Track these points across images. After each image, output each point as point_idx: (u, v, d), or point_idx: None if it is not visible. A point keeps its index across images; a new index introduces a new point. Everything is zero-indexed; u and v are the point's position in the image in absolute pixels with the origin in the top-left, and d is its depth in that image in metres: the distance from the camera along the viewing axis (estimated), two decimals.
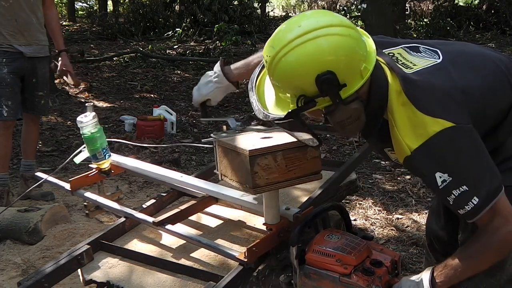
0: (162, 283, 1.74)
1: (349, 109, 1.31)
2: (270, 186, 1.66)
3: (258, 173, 1.61)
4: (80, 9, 16.47)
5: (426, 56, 1.45)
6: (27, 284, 1.68)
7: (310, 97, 1.28)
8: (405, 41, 1.54)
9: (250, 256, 1.64)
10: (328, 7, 16.26)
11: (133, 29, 11.65)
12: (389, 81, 1.36)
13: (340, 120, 1.33)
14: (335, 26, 1.27)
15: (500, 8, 11.29)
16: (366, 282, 1.44)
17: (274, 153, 1.63)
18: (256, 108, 1.39)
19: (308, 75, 1.26)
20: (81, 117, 2.16)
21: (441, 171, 1.29)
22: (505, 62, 1.48)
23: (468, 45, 1.61)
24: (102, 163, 2.24)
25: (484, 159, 1.32)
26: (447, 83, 1.35)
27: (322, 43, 1.24)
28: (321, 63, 1.25)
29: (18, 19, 3.14)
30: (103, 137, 2.21)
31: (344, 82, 1.27)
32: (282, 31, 1.32)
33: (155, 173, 2.26)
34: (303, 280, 1.56)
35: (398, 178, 3.84)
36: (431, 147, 1.29)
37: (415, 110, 1.31)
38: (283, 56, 1.26)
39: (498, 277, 1.46)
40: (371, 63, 1.31)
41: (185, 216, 2.01)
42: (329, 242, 1.55)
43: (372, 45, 1.35)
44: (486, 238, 1.32)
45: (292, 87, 1.30)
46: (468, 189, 1.28)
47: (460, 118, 1.30)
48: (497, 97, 1.42)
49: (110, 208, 2.15)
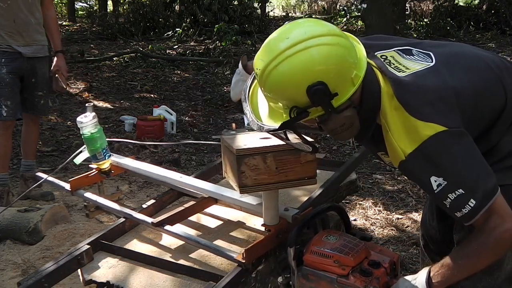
0: (162, 283, 1.74)
1: (342, 117, 1.31)
2: (258, 187, 1.66)
3: (245, 172, 1.62)
4: (80, 9, 16.48)
5: (419, 59, 1.44)
6: (27, 284, 1.68)
7: (302, 107, 1.28)
8: (399, 43, 1.53)
9: (248, 257, 1.64)
10: (328, 7, 16.28)
11: (133, 29, 11.65)
12: (381, 85, 1.36)
13: (333, 128, 1.33)
14: (324, 36, 1.27)
15: (500, 8, 11.29)
16: (364, 283, 1.44)
17: (263, 154, 1.64)
18: (250, 120, 1.40)
19: (299, 87, 1.25)
20: (81, 118, 2.17)
21: (436, 175, 1.29)
22: (496, 63, 1.48)
23: (461, 46, 1.60)
24: (102, 163, 2.24)
25: (478, 161, 1.31)
26: (439, 86, 1.35)
27: (311, 53, 1.24)
28: (311, 73, 1.25)
29: (17, 20, 3.13)
30: (103, 138, 2.21)
31: (336, 91, 1.27)
32: (271, 43, 1.32)
33: (154, 173, 2.26)
34: (301, 281, 1.56)
35: (398, 178, 3.84)
36: (425, 152, 1.29)
37: (407, 115, 1.31)
38: (273, 68, 1.26)
39: (496, 275, 1.46)
40: (362, 70, 1.31)
41: (185, 217, 2.01)
42: (327, 243, 1.54)
43: (362, 51, 1.35)
44: (482, 238, 1.32)
45: (284, 98, 1.31)
46: (464, 192, 1.28)
47: (452, 122, 1.30)
48: (489, 98, 1.42)
49: (110, 209, 2.16)
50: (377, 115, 1.37)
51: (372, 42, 1.47)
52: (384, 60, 1.43)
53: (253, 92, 1.48)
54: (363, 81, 1.31)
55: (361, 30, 9.86)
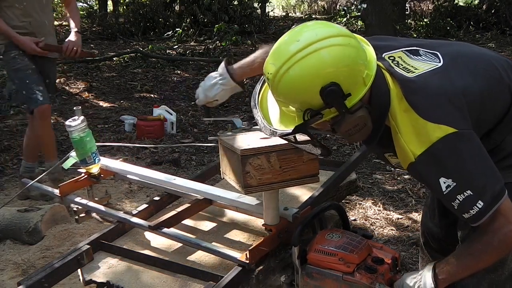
0: (162, 283, 1.74)
1: (355, 117, 1.31)
2: (262, 187, 1.66)
3: (250, 173, 1.62)
4: (80, 9, 16.47)
5: (426, 59, 1.45)
6: (27, 284, 1.68)
7: (316, 110, 1.28)
8: (405, 43, 1.53)
9: (252, 258, 1.65)
10: (328, 7, 16.27)
11: (133, 29, 11.64)
12: (390, 86, 1.37)
13: (347, 129, 1.33)
14: (334, 37, 1.27)
15: (500, 8, 11.28)
16: (370, 280, 1.46)
17: (267, 153, 1.63)
18: (262, 125, 1.40)
19: (312, 89, 1.26)
20: (70, 121, 2.12)
21: (445, 177, 1.30)
22: (501, 63, 1.49)
23: (466, 46, 1.60)
24: (92, 167, 2.19)
25: (486, 163, 1.32)
26: (448, 87, 1.35)
27: (323, 55, 1.25)
28: (324, 75, 1.25)
29: (32, 21, 3.18)
30: (93, 141, 2.17)
31: (349, 92, 1.27)
32: (281, 47, 1.32)
33: (146, 176, 2.22)
34: (305, 280, 1.57)
35: (398, 178, 3.84)
36: (435, 153, 1.30)
37: (417, 116, 1.31)
38: (285, 72, 1.26)
39: (499, 272, 1.47)
40: (373, 70, 1.31)
41: (181, 219, 2.01)
42: (331, 241, 1.56)
43: (371, 52, 1.36)
44: (487, 238, 1.33)
45: (297, 101, 1.30)
46: (473, 194, 1.29)
47: (462, 124, 1.31)
48: (495, 99, 1.43)
49: (107, 214, 2.11)
50: (386, 116, 1.37)
51: (378, 43, 1.47)
52: (392, 61, 1.43)
53: (262, 98, 1.48)
54: (372, 82, 1.32)
55: (361, 30, 9.85)
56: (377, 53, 1.39)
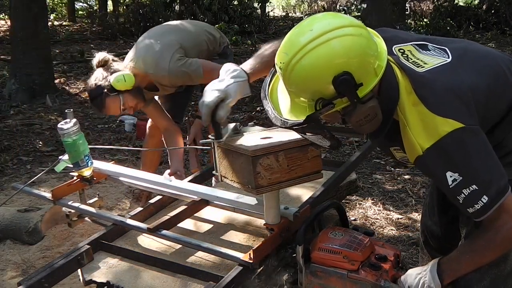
0: (162, 283, 1.74)
1: (366, 107, 1.32)
2: (272, 186, 1.65)
3: (260, 173, 1.61)
4: (80, 9, 16.45)
5: (435, 54, 1.46)
6: (27, 284, 1.68)
7: (327, 99, 1.29)
8: (414, 37, 1.55)
9: (256, 258, 1.65)
10: (328, 7, 16.28)
11: (133, 29, 11.63)
12: (399, 79, 1.38)
13: (358, 120, 1.34)
14: (347, 27, 1.28)
15: (500, 8, 11.29)
16: (375, 277, 1.48)
17: (276, 153, 1.63)
18: (272, 116, 1.41)
19: (325, 78, 1.26)
20: (62, 124, 2.08)
21: (452, 171, 1.31)
22: (506, 62, 1.50)
23: (473, 44, 1.62)
24: (84, 170, 2.16)
25: (492, 159, 1.34)
26: (457, 83, 1.37)
27: (336, 44, 1.25)
28: (337, 64, 1.26)
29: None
30: (85, 144, 2.13)
31: (360, 81, 1.28)
32: (293, 37, 1.32)
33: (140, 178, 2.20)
34: (309, 279, 1.57)
35: (398, 178, 3.84)
36: (443, 147, 1.31)
37: (426, 110, 1.32)
38: (297, 61, 1.27)
39: (502, 267, 1.49)
40: (384, 61, 1.32)
41: (180, 220, 2.01)
42: (334, 240, 1.57)
43: (382, 44, 1.37)
44: (490, 234, 1.35)
45: (309, 91, 1.31)
46: (478, 188, 1.30)
47: (469, 120, 1.32)
48: (499, 96, 1.45)
49: (105, 217, 2.09)
50: (395, 109, 1.38)
51: (387, 34, 1.47)
52: (402, 54, 1.44)
53: (271, 89, 1.49)
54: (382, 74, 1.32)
55: None
56: (387, 45, 1.40)
